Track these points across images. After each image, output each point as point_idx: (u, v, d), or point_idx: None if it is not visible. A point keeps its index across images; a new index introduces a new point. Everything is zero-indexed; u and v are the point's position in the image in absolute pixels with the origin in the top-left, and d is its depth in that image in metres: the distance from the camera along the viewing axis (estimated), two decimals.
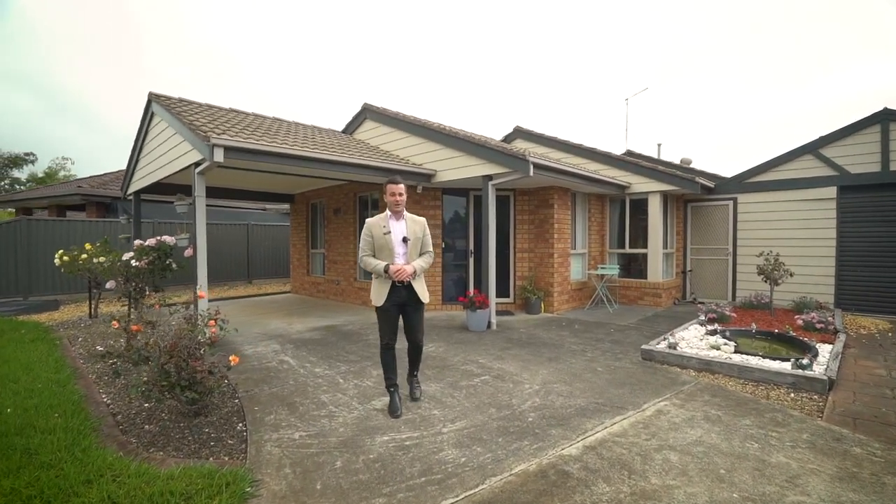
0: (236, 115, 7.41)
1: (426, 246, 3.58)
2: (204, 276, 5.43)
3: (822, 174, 8.11)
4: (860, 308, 7.70)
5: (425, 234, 3.58)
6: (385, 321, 3.46)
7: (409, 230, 3.46)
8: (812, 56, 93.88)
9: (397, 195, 3.44)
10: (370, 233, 3.46)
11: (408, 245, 3.43)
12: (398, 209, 3.47)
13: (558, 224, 8.23)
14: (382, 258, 3.41)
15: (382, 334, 3.50)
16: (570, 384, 4.19)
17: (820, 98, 67.89)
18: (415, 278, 3.45)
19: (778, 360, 4.55)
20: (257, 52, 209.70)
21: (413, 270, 3.38)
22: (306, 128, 8.77)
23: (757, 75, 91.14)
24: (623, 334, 6.39)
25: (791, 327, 5.97)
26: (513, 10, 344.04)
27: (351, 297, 9.49)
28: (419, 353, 3.75)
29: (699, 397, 3.84)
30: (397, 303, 3.45)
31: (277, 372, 4.63)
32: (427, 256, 3.56)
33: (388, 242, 3.39)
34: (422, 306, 3.57)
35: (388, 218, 3.47)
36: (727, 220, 9.21)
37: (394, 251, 3.40)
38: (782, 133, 57.58)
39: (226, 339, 6.03)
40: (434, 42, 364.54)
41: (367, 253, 3.49)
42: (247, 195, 10.35)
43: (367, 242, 3.48)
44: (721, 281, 9.32)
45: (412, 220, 3.55)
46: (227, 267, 12.97)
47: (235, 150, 5.27)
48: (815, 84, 75.03)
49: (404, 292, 3.44)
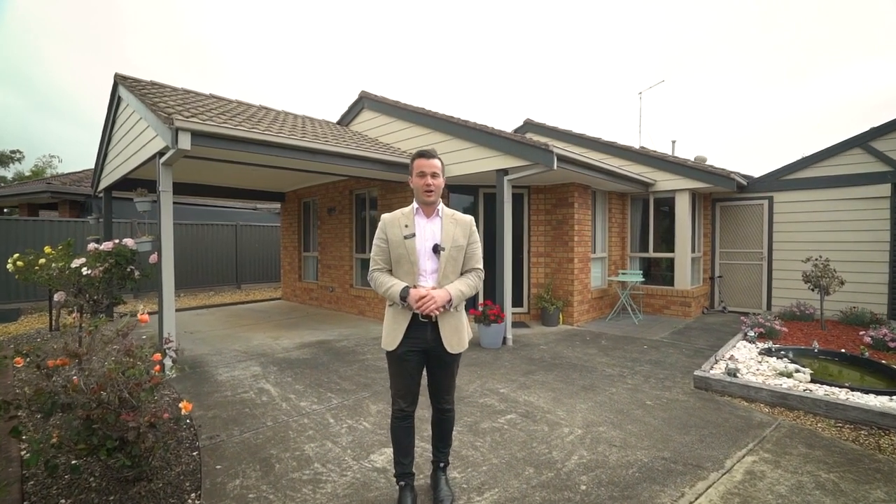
0: (216, 102, 6.53)
1: (472, 259, 2.32)
2: (170, 287, 4.55)
3: (874, 170, 7.27)
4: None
5: (471, 240, 2.32)
6: (399, 374, 2.28)
7: (444, 234, 2.25)
8: (824, 51, 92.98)
9: (429, 177, 2.23)
10: (385, 234, 2.28)
11: (441, 257, 2.22)
12: (431, 199, 2.25)
13: (578, 225, 7.37)
14: (402, 275, 2.25)
15: (396, 393, 2.31)
16: (619, 426, 3.33)
17: (840, 93, 66.68)
18: (449, 310, 2.25)
19: (872, 394, 3.70)
20: (248, 46, 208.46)
21: (448, 299, 2.15)
22: (297, 117, 7.90)
23: (770, 71, 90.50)
24: (659, 352, 5.53)
25: (865, 347, 5.11)
26: (519, 1, 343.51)
27: (346, 305, 8.60)
28: (449, 425, 2.44)
29: (792, 448, 2.98)
30: (419, 348, 2.24)
31: (254, 407, 3.74)
32: (472, 276, 2.30)
33: (409, 251, 2.21)
34: (456, 358, 2.34)
35: (415, 213, 2.29)
36: (761, 222, 8.36)
37: (418, 266, 2.22)
38: (798, 131, 56.76)
39: (199, 360, 5.15)
40: (436, 36, 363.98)
41: (379, 266, 2.30)
42: (234, 193, 9.46)
43: (380, 250, 2.29)
44: (754, 288, 8.47)
45: (452, 218, 2.32)
46: (214, 271, 12.06)
47: (206, 136, 4.39)
48: (828, 79, 74.05)
49: (431, 333, 2.23)
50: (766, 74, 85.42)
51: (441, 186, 2.29)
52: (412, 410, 2.34)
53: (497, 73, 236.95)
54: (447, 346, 2.23)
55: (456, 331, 2.26)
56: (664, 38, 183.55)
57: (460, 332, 2.29)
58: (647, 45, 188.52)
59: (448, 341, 2.23)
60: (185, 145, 4.15)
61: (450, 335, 2.24)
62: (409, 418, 2.33)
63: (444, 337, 2.23)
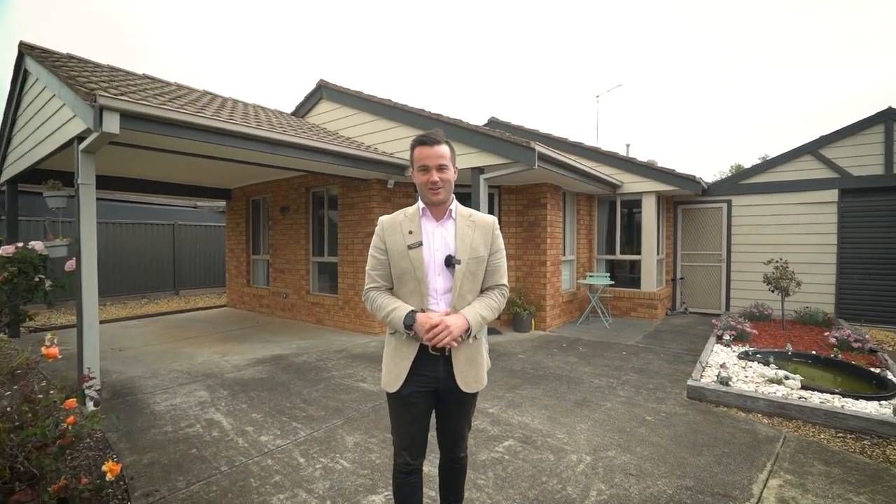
0: (152, 83, 5.66)
1: (496, 274, 1.84)
2: (92, 302, 3.75)
3: (823, 176, 7.63)
4: (864, 319, 7.24)
5: (494, 248, 1.83)
6: (404, 421, 1.80)
7: (460, 242, 1.75)
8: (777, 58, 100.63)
9: (433, 171, 1.71)
10: (383, 243, 1.79)
11: (456, 272, 1.73)
12: (438, 198, 1.74)
13: (551, 227, 7.15)
14: (406, 296, 1.76)
15: (400, 444, 1.83)
16: (628, 450, 3.03)
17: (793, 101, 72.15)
18: (466, 340, 1.76)
19: (863, 400, 3.67)
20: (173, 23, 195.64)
21: (465, 327, 1.68)
22: (247, 105, 7.10)
23: (725, 77, 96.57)
24: (640, 359, 5.38)
25: (837, 350, 5.20)
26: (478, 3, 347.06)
27: (303, 313, 7.89)
28: (463, 474, 1.99)
29: (810, 467, 2.81)
30: (429, 387, 1.78)
31: (203, 446, 3.09)
32: (496, 295, 1.82)
33: (415, 265, 1.73)
34: (474, 397, 1.87)
35: (420, 215, 1.80)
36: (720, 224, 8.58)
37: (426, 283, 1.73)
38: (752, 135, 60.73)
39: (131, 385, 4.36)
40: (391, 30, 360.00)
41: (376, 284, 1.81)
42: (173, 189, 8.43)
43: (378, 262, 1.80)
44: (714, 290, 8.68)
45: (469, 220, 1.81)
46: (148, 276, 10.81)
47: (140, 118, 3.65)
48: (782, 87, 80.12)
49: (443, 368, 1.76)
50: (720, 80, 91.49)
51: (451, 181, 1.77)
52: (420, 464, 1.85)
53: (457, 72, 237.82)
54: (461, 383, 1.75)
55: (473, 364, 1.79)
56: (621, 43, 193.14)
57: (478, 367, 1.81)
58: (605, 48, 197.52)
59: (463, 378, 1.75)
60: (111, 128, 3.40)
61: (465, 370, 1.76)
62: (415, 473, 1.85)
63: (458, 372, 1.75)
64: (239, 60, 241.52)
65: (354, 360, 5.31)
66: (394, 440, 1.87)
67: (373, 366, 5.04)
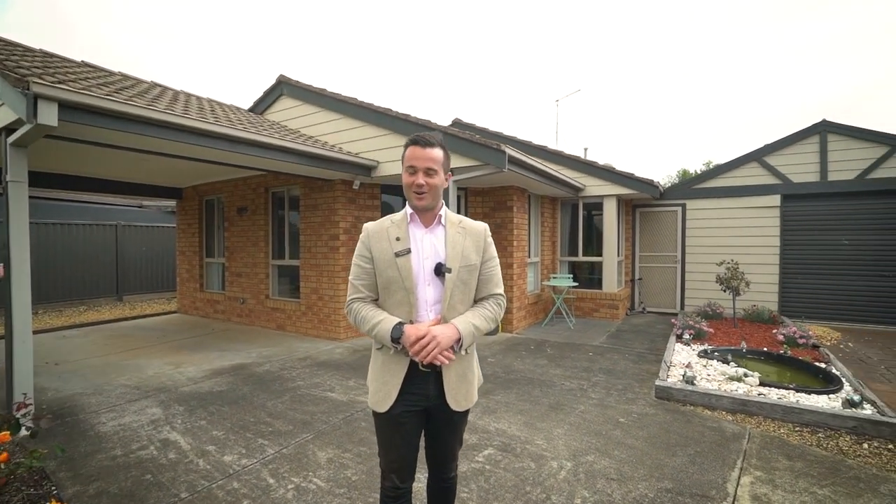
0: (94, 71, 5.19)
1: (490, 283, 1.75)
2: (24, 314, 3.36)
3: (767, 182, 8.13)
4: (804, 315, 7.77)
5: (487, 255, 1.75)
6: (393, 442, 1.68)
7: (450, 249, 1.66)
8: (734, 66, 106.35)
9: (420, 174, 1.62)
10: (368, 251, 1.69)
11: (447, 282, 1.64)
12: (423, 203, 1.64)
13: (517, 230, 7.20)
14: (393, 307, 1.66)
15: (388, 466, 1.71)
16: (606, 453, 3.05)
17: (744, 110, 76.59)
18: (458, 353, 1.64)
19: (813, 394, 3.90)
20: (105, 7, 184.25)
21: (455, 338, 1.57)
22: (201, 99, 6.68)
23: (673, 85, 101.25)
24: (606, 359, 5.50)
25: (787, 346, 5.52)
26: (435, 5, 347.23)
27: (262, 319, 7.52)
28: (451, 496, 1.86)
29: (775, 462, 2.93)
30: (420, 406, 1.67)
31: (159, 470, 2.83)
32: (491, 305, 1.73)
33: (403, 274, 1.63)
34: (465, 414, 1.76)
35: (408, 221, 1.71)
36: (676, 227, 8.96)
37: (415, 293, 1.64)
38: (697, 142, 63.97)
39: (71, 403, 3.97)
40: (353, 32, 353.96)
41: (360, 294, 1.69)
42: (117, 187, 7.80)
43: (362, 272, 1.69)
44: (670, 290, 9.05)
45: (459, 227, 1.73)
46: (88, 281, 9.97)
47: (83, 109, 3.31)
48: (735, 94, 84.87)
49: (434, 385, 1.66)
50: (669, 89, 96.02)
51: (440, 186, 1.66)
52: (409, 486, 1.74)
53: (418, 73, 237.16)
54: (451, 402, 1.64)
55: (463, 380, 1.68)
56: (580, 48, 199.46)
57: (469, 383, 1.70)
58: (565, 53, 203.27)
59: (453, 395, 1.64)
60: (48, 120, 3.05)
61: (455, 387, 1.65)
62: (405, 497, 1.73)
63: (449, 390, 1.64)
64: (185, 52, 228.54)
65: (320, 368, 5.09)
66: (381, 462, 1.74)
67: (340, 374, 4.85)
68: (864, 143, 7.49)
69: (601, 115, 77.21)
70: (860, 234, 7.57)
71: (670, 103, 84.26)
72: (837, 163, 7.64)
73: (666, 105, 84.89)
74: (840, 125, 7.62)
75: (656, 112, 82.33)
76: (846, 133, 7.59)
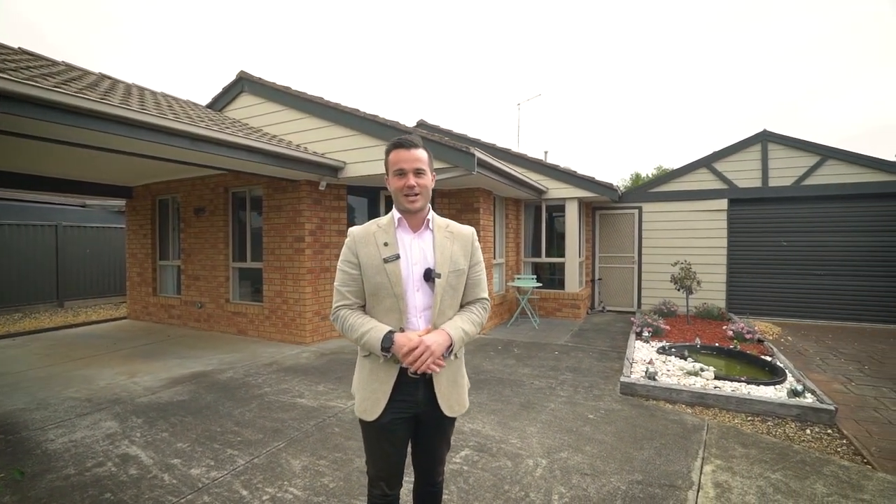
0: (34, 60, 4.81)
1: (477, 287, 1.76)
2: None
3: (716, 187, 8.66)
4: (749, 312, 8.33)
5: (474, 260, 1.75)
6: (381, 451, 1.67)
7: (439, 254, 1.66)
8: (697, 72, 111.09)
9: (410, 175, 1.61)
10: (355, 256, 1.66)
11: (437, 287, 1.64)
12: (416, 206, 1.63)
13: (484, 231, 7.30)
14: (381, 314, 1.64)
15: (376, 474, 1.71)
16: (578, 449, 3.16)
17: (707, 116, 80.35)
18: (448, 358, 1.63)
19: (762, 386, 4.19)
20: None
21: (447, 344, 1.58)
22: (155, 94, 6.34)
23: (626, 92, 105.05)
24: (572, 358, 5.67)
25: (737, 342, 5.90)
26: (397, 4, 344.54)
27: (222, 323, 7.22)
28: (438, 500, 1.86)
29: (734, 451, 3.13)
30: (409, 413, 1.66)
31: (119, 487, 2.67)
32: (477, 309, 1.74)
33: (392, 280, 1.61)
34: (452, 421, 1.77)
35: (396, 226, 1.69)
36: (633, 229, 9.37)
37: (405, 300, 1.63)
38: (649, 146, 66.64)
39: (11, 420, 3.66)
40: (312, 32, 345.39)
41: (346, 301, 1.66)
42: (57, 185, 7.25)
43: (349, 278, 1.67)
44: (627, 289, 9.45)
45: (447, 231, 1.73)
46: (23, 286, 9.20)
47: (25, 101, 3.07)
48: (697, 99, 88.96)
49: (423, 392, 1.65)
50: (622, 95, 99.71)
51: (429, 187, 1.68)
52: (397, 494, 1.74)
53: (380, 73, 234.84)
54: (445, 408, 1.65)
55: (454, 385, 1.70)
56: (541, 53, 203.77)
57: (460, 387, 1.72)
58: (526, 57, 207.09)
59: (446, 401, 1.65)
60: None
61: (447, 393, 1.66)
62: (393, 503, 1.74)
63: (441, 396, 1.64)
64: (131, 41, 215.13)
65: (287, 373, 4.96)
66: (369, 470, 1.73)
67: (308, 379, 4.74)
68: (799, 152, 8.13)
69: (560, 119, 79.35)
70: (796, 236, 8.22)
71: (625, 109, 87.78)
72: (777, 170, 8.25)
73: (620, 110, 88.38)
74: (779, 135, 8.23)
75: (611, 117, 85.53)
76: (784, 143, 8.21)
